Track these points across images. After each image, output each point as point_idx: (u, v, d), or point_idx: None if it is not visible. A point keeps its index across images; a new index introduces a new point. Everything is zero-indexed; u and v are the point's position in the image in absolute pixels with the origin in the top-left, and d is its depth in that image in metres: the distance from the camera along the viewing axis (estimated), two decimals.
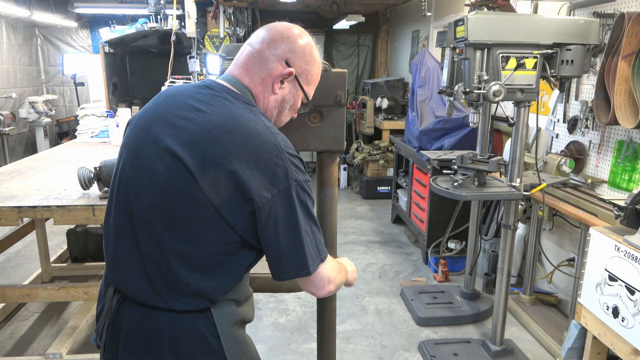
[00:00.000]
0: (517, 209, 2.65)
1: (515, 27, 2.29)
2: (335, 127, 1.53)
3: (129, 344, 1.16)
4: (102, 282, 1.29)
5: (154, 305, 1.13)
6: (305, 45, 1.20)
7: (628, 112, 2.53)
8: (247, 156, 1.05)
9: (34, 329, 3.08)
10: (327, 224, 1.66)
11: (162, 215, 1.10)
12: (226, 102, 1.13)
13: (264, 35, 1.20)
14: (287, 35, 1.19)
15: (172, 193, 1.08)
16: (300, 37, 1.20)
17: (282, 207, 1.08)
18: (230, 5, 6.00)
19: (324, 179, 1.63)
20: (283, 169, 1.07)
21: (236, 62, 1.22)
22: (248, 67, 1.19)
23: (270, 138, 1.09)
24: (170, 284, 1.11)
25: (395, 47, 7.66)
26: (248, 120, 1.10)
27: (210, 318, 1.14)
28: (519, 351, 2.78)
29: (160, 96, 1.24)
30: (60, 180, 2.70)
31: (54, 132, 7.65)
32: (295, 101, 1.25)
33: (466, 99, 2.39)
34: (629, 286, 1.98)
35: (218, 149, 1.06)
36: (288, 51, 1.18)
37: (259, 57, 1.18)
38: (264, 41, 1.18)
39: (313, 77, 1.25)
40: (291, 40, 1.19)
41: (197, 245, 1.09)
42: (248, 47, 1.21)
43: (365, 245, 4.56)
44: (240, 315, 1.22)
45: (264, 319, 3.19)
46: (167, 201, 1.09)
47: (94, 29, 7.78)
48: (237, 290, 1.20)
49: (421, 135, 4.26)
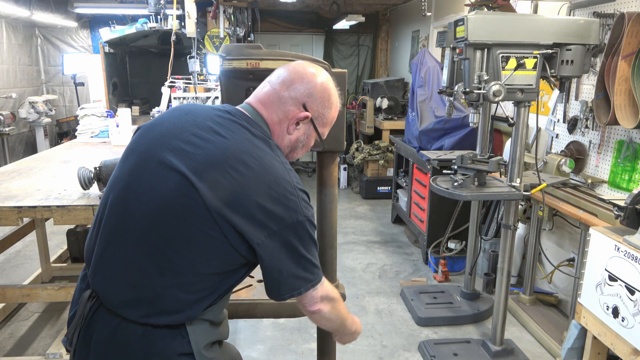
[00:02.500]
0: (517, 209, 2.65)
1: (515, 27, 2.29)
2: (335, 127, 1.54)
3: (100, 354, 1.14)
4: (77, 284, 1.26)
5: (128, 318, 1.11)
6: (323, 90, 1.24)
7: (628, 112, 2.53)
8: (261, 188, 1.09)
9: (34, 329, 3.08)
10: (327, 224, 1.67)
11: (162, 230, 1.09)
12: (245, 132, 1.15)
13: (284, 76, 1.23)
14: (307, 79, 1.22)
15: (177, 210, 1.08)
16: (319, 80, 1.23)
17: (290, 238, 1.12)
18: (230, 5, 6.00)
19: (324, 179, 1.63)
20: (295, 204, 1.12)
21: (256, 97, 1.25)
22: (267, 104, 1.22)
23: (284, 174, 1.13)
24: (154, 297, 1.10)
25: (395, 47, 7.66)
26: (265, 154, 1.14)
27: (184, 335, 1.13)
28: (519, 351, 2.78)
29: (178, 110, 1.24)
30: (60, 180, 2.70)
31: (54, 132, 7.65)
32: (308, 141, 1.29)
33: (466, 99, 2.39)
34: (629, 286, 1.98)
35: (234, 176, 1.08)
36: (306, 95, 1.21)
37: (278, 97, 1.21)
38: (283, 82, 1.22)
39: (329, 120, 1.29)
40: (310, 85, 1.22)
41: (196, 264, 1.09)
42: (268, 85, 1.24)
43: (365, 245, 4.56)
44: (216, 334, 1.22)
45: (264, 319, 3.19)
46: (170, 217, 1.08)
47: (94, 29, 7.77)
48: (214, 311, 1.19)
49: (421, 135, 4.26)
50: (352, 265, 4.08)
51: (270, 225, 1.09)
